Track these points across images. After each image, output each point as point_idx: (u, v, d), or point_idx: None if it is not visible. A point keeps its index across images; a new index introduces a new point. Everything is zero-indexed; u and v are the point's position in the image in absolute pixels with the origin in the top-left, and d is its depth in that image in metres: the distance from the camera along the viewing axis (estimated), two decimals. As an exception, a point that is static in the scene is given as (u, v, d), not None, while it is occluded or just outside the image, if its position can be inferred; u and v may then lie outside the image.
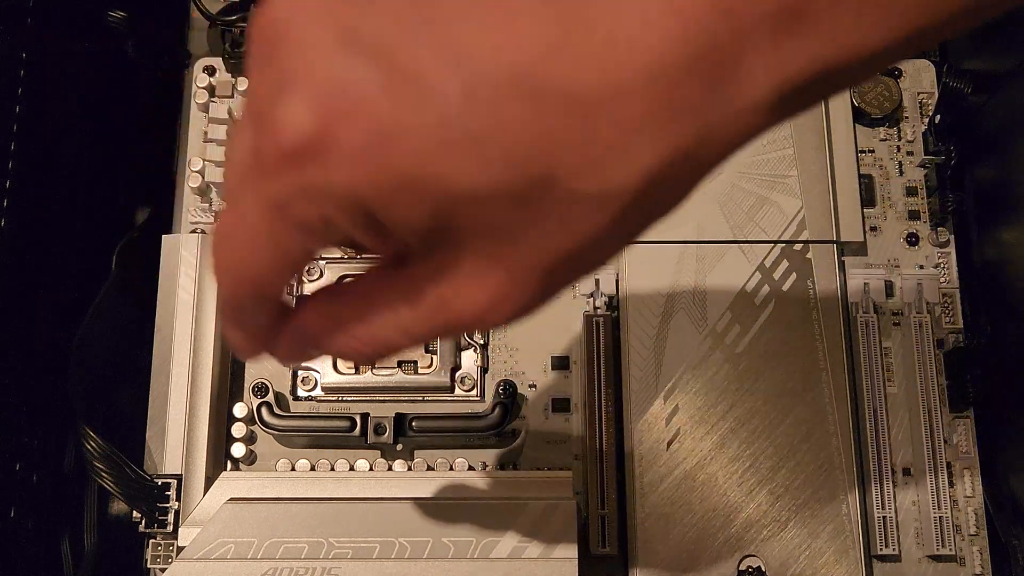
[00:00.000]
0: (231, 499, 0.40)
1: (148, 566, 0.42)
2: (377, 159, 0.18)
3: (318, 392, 0.45)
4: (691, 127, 0.19)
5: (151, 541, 0.42)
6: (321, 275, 0.46)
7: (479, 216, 0.19)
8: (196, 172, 0.46)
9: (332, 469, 0.43)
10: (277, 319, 0.24)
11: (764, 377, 0.43)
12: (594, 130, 0.18)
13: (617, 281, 0.45)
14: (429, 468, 0.44)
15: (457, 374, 0.45)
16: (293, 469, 0.43)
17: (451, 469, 0.43)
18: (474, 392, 0.45)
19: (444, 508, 0.40)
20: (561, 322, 0.45)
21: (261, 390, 0.44)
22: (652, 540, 0.41)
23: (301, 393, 0.45)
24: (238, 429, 0.44)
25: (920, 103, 0.48)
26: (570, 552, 0.39)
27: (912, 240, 0.47)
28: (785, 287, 0.44)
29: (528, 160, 0.18)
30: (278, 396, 0.44)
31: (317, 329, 0.23)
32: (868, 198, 0.47)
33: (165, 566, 0.41)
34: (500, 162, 0.18)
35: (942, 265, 0.46)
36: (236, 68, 0.48)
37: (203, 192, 0.47)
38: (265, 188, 0.19)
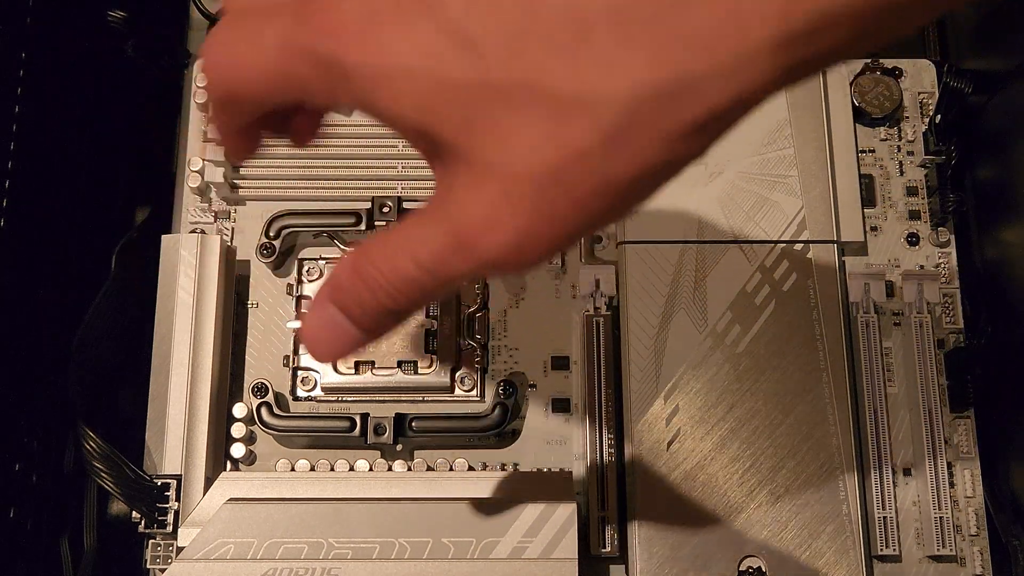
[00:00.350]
0: (231, 499, 0.40)
1: (148, 566, 0.42)
2: (368, 35, 0.20)
3: (318, 392, 0.45)
4: (699, 57, 0.19)
5: (151, 541, 0.42)
6: (321, 275, 0.46)
7: (470, 115, 0.20)
8: (196, 172, 0.46)
9: (332, 469, 0.43)
10: (250, 128, 0.26)
11: (764, 377, 0.43)
12: (588, 40, 0.19)
13: (617, 281, 0.45)
14: (429, 468, 0.44)
15: (457, 374, 0.45)
16: (293, 469, 0.43)
17: (451, 469, 0.43)
18: (474, 392, 0.45)
19: (444, 508, 0.40)
20: (561, 322, 0.45)
21: (261, 390, 0.44)
22: (652, 540, 0.41)
23: (301, 393, 0.45)
24: (238, 429, 0.44)
25: (920, 103, 0.48)
26: (570, 552, 0.39)
27: (912, 240, 0.47)
28: (785, 287, 0.44)
29: (518, 59, 0.19)
30: (278, 396, 0.44)
31: (348, 263, 0.24)
32: (868, 198, 0.47)
33: (165, 566, 0.41)
34: (490, 58, 0.20)
35: (942, 265, 0.46)
36: (236, 68, 0.47)
37: (203, 192, 0.47)
38: (272, 21, 0.22)
